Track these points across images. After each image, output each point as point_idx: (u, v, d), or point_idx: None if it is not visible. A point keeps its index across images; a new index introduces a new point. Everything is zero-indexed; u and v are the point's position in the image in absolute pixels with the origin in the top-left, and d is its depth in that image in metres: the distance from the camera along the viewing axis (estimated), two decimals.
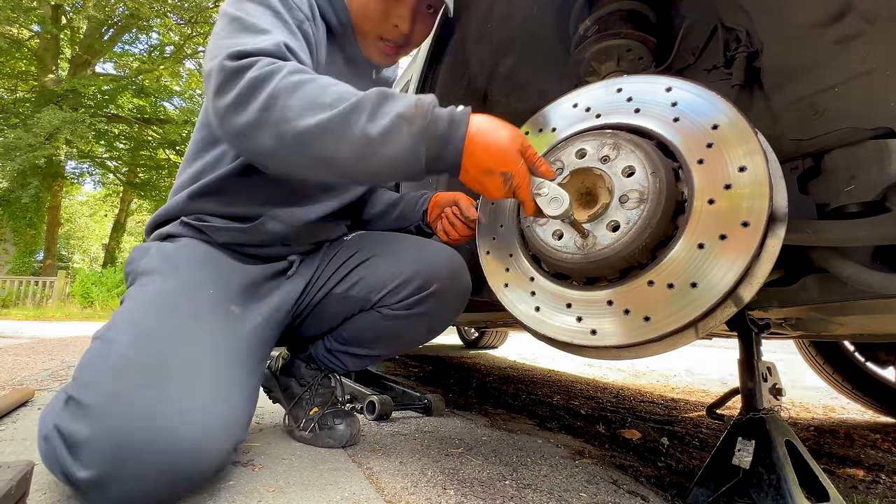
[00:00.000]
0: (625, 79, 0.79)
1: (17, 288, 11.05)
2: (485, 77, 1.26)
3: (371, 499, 0.75)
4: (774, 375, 0.85)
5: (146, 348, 0.66)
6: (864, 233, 0.70)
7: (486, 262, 0.91)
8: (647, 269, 0.69)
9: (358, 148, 0.65)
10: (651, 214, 0.67)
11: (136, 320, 0.71)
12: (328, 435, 1.03)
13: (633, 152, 0.71)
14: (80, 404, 0.59)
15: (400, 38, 0.91)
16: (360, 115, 0.65)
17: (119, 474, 0.57)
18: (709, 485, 0.79)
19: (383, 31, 0.89)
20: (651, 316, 0.67)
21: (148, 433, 0.58)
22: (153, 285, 0.79)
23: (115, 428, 0.57)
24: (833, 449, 1.48)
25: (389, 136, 0.65)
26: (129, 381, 0.61)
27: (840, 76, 0.75)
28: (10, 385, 1.67)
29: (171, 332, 0.70)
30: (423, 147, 0.66)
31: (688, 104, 0.71)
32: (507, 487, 0.85)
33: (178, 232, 0.92)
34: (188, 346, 0.69)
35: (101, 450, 0.56)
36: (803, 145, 0.80)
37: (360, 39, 0.92)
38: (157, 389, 0.62)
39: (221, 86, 0.67)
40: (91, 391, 0.60)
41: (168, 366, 0.65)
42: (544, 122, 0.88)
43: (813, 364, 2.16)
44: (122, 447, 0.57)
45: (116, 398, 0.59)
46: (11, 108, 12.71)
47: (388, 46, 0.91)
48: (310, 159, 0.68)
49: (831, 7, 0.72)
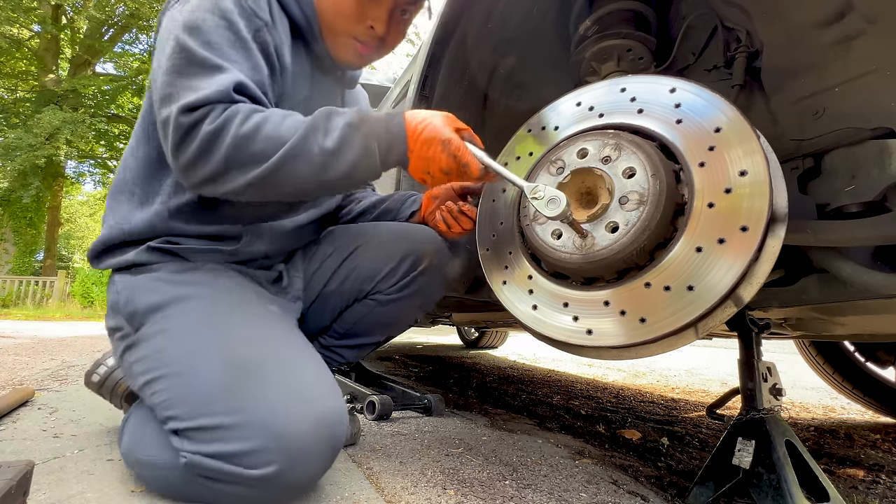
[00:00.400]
0: (629, 78, 0.79)
1: (17, 288, 11.06)
2: (485, 77, 1.26)
3: (371, 499, 0.75)
4: (774, 375, 0.85)
5: (235, 355, 0.70)
6: (864, 233, 0.70)
7: (485, 258, 0.92)
8: (645, 271, 0.69)
9: (321, 163, 0.70)
10: (650, 217, 0.67)
11: (202, 340, 0.73)
12: None
13: (635, 154, 0.71)
14: (212, 427, 0.64)
15: (374, 39, 0.85)
16: (315, 135, 0.70)
17: (298, 460, 0.63)
18: (709, 485, 0.79)
19: (357, 31, 0.83)
20: (647, 318, 0.67)
21: (305, 416, 0.65)
22: (190, 308, 0.77)
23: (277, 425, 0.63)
24: (833, 449, 1.48)
25: (344, 144, 0.70)
26: (248, 385, 0.66)
27: (840, 76, 0.75)
28: (10, 385, 1.67)
29: (248, 333, 0.75)
30: (374, 144, 0.72)
31: (691, 106, 0.70)
32: (507, 487, 0.85)
33: (146, 260, 0.83)
34: (269, 342, 0.74)
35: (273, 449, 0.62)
36: (803, 145, 0.80)
37: (329, 37, 0.85)
38: (279, 382, 0.67)
39: (179, 143, 0.69)
40: (214, 408, 0.65)
41: (269, 363, 0.70)
42: (547, 119, 0.88)
43: (813, 364, 2.16)
44: (291, 436, 0.63)
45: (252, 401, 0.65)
46: (12, 107, 12.72)
47: (362, 47, 0.86)
48: (280, 186, 0.71)
49: (831, 7, 0.72)
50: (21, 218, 12.58)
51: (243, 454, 0.62)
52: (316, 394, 0.68)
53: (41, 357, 2.58)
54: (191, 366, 0.70)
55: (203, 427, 0.64)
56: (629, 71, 0.98)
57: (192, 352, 0.71)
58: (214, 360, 0.69)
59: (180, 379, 0.69)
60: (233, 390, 0.66)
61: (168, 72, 0.70)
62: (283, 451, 0.62)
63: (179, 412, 0.67)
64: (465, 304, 1.86)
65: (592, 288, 0.75)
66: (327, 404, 0.68)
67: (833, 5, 0.72)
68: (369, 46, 0.86)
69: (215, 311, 0.77)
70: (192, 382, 0.68)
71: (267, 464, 0.61)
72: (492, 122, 1.35)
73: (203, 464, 0.63)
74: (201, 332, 0.74)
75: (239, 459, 0.62)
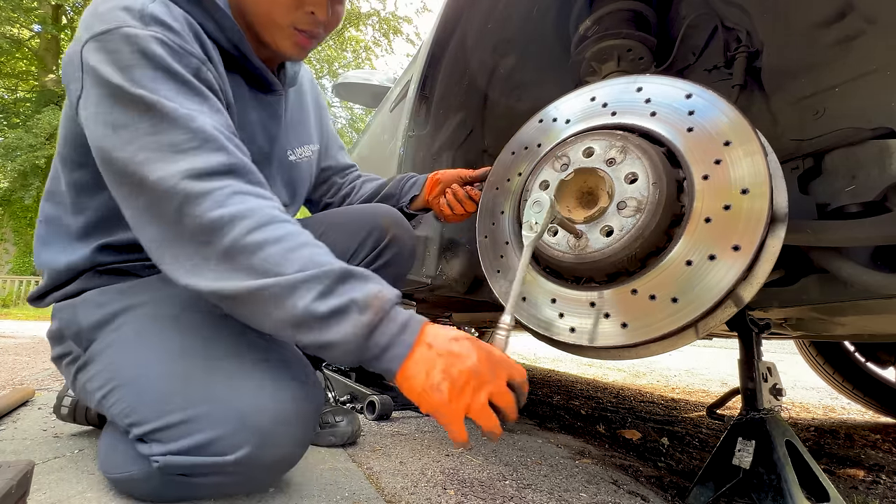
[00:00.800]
0: (647, 78, 0.78)
1: (17, 288, 11.06)
2: (485, 77, 1.26)
3: (371, 499, 0.75)
4: (775, 376, 0.85)
5: (187, 349, 0.67)
6: (864, 233, 0.70)
7: (482, 245, 0.93)
8: (634, 278, 0.69)
9: (298, 319, 0.54)
10: (644, 225, 0.68)
11: (151, 342, 0.69)
12: (330, 433, 1.03)
13: (640, 159, 0.70)
14: (175, 424, 0.61)
15: (316, 26, 0.77)
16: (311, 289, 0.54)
17: (269, 437, 0.61)
18: (709, 485, 0.79)
19: (296, 19, 0.75)
20: (629, 323, 0.68)
21: (265, 391, 0.62)
22: (137, 315, 0.72)
23: (239, 406, 0.60)
24: (833, 449, 1.48)
25: (337, 318, 0.54)
26: (203, 375, 0.64)
27: (840, 76, 0.75)
28: (10, 385, 1.67)
29: (199, 329, 0.71)
30: (368, 342, 0.54)
31: (704, 115, 0.69)
32: (507, 487, 0.85)
33: (94, 284, 0.76)
34: (221, 333, 0.70)
35: (241, 430, 0.60)
36: (804, 145, 0.80)
37: (267, 30, 0.76)
38: (234, 367, 0.65)
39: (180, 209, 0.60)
40: (173, 405, 0.63)
41: (221, 351, 0.67)
42: (560, 111, 0.88)
43: (813, 364, 2.16)
44: (256, 414, 0.60)
45: (210, 389, 0.63)
46: (12, 107, 12.72)
47: (303, 37, 0.77)
48: (238, 310, 0.57)
49: (832, 7, 0.72)
50: (21, 218, 12.58)
51: (212, 442, 0.59)
52: (274, 370, 0.65)
53: (41, 357, 2.58)
54: (143, 369, 0.67)
55: (166, 426, 0.62)
56: (629, 71, 0.98)
57: (143, 355, 0.68)
58: (166, 358, 0.67)
59: (135, 384, 0.66)
60: (189, 383, 0.64)
61: (130, 141, 0.56)
62: (251, 430, 0.60)
63: (140, 417, 0.64)
64: (466, 304, 1.86)
65: (581, 288, 0.76)
66: (288, 377, 0.65)
67: (833, 5, 0.72)
68: (311, 35, 0.78)
69: (162, 314, 0.72)
70: (147, 384, 0.65)
71: (238, 446, 0.59)
72: (492, 122, 1.35)
73: (175, 462, 0.61)
74: (150, 335, 0.70)
75: (209, 449, 0.59)
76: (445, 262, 1.31)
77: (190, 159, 0.56)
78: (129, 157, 0.56)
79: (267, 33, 0.76)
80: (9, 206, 12.36)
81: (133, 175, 0.56)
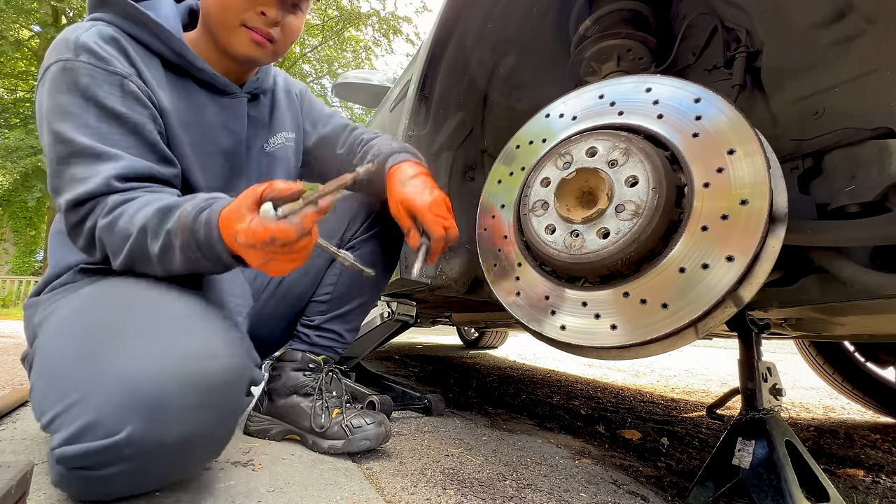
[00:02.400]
0: (657, 79, 0.77)
1: (17, 288, 11.06)
2: (485, 77, 1.26)
3: (371, 499, 0.75)
4: (774, 375, 0.85)
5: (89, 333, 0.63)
6: (864, 233, 0.70)
7: (480, 238, 0.94)
8: (627, 281, 0.70)
9: (159, 264, 0.69)
10: (640, 230, 0.68)
11: (61, 332, 0.67)
12: (363, 437, 0.94)
13: (642, 163, 0.70)
14: (63, 411, 0.56)
15: (268, 25, 0.81)
16: (145, 237, 0.67)
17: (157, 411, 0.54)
18: (709, 485, 0.79)
19: (247, 18, 0.79)
20: (618, 326, 0.69)
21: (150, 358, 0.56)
22: (64, 306, 0.73)
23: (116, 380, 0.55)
24: (833, 449, 1.48)
25: (167, 252, 0.67)
26: (94, 359, 0.58)
27: (840, 76, 0.75)
28: (10, 385, 1.67)
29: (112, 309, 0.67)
30: (194, 254, 0.66)
31: (711, 121, 0.69)
32: (507, 487, 0.84)
33: (74, 279, 0.80)
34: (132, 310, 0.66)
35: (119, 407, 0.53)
36: (803, 145, 0.80)
37: (223, 34, 0.81)
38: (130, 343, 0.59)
39: (71, 234, 0.74)
40: (63, 391, 0.57)
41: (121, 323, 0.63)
42: (567, 107, 0.88)
43: (813, 364, 2.16)
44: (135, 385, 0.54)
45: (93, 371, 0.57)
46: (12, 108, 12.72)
47: (255, 34, 0.80)
48: (150, 271, 0.72)
49: (832, 7, 0.72)
50: (21, 218, 12.60)
51: (91, 426, 0.53)
52: (173, 334, 0.60)
53: None
54: (48, 362, 0.64)
55: (57, 414, 0.56)
56: (629, 71, 0.98)
57: (52, 345, 0.66)
58: (67, 341, 0.63)
59: (42, 377, 0.63)
60: (81, 360, 0.59)
61: (52, 163, 0.71)
62: (137, 400, 0.53)
63: (42, 409, 0.59)
64: (465, 304, 1.86)
65: (575, 287, 0.76)
66: (187, 340, 0.60)
67: (833, 5, 0.72)
68: (263, 33, 0.81)
69: (87, 304, 0.70)
70: (49, 375, 0.62)
71: (124, 422, 0.52)
72: (492, 122, 1.35)
73: (67, 453, 0.54)
74: (64, 323, 0.68)
75: (95, 431, 0.53)
76: (445, 261, 1.31)
77: (75, 192, 0.69)
78: (48, 178, 0.73)
79: (224, 38, 0.82)
80: (9, 207, 12.36)
81: (50, 190, 0.74)
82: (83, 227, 0.71)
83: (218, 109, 0.87)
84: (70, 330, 0.66)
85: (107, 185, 0.69)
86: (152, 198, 0.70)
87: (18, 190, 11.48)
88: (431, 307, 2.10)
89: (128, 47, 0.76)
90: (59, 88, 0.71)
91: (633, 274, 0.70)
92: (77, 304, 0.71)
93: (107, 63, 0.73)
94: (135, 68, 0.76)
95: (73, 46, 0.71)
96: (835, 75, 0.75)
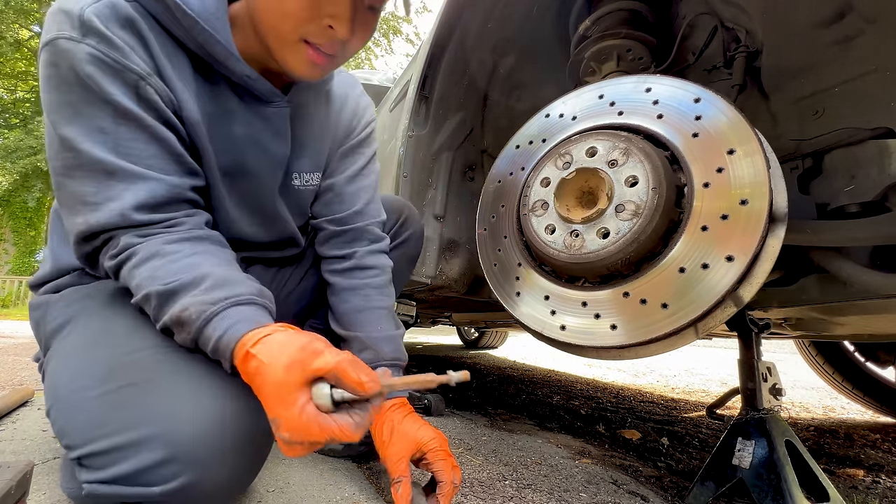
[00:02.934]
0: (657, 79, 0.77)
1: (17, 288, 11.05)
2: (485, 77, 1.26)
3: (371, 499, 0.75)
4: (774, 375, 0.85)
5: (120, 367, 0.60)
6: (864, 233, 0.70)
7: (480, 238, 0.94)
8: (627, 281, 0.70)
9: (166, 329, 0.61)
10: (640, 230, 0.68)
11: (86, 358, 0.63)
12: (366, 438, 0.84)
13: (642, 163, 0.70)
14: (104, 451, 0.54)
15: (332, 42, 0.63)
16: (149, 307, 0.60)
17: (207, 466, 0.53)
18: (709, 485, 0.79)
19: (309, 32, 0.61)
20: (618, 325, 0.69)
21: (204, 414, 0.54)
22: (83, 324, 0.68)
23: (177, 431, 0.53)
24: (833, 449, 1.48)
25: (174, 329, 0.59)
26: (136, 398, 0.57)
27: (840, 76, 0.75)
28: (10, 385, 1.67)
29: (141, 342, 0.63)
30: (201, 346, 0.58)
31: (711, 121, 0.69)
32: (507, 487, 0.84)
33: (75, 281, 0.75)
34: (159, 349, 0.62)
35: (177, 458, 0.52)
36: (803, 145, 0.80)
37: (276, 45, 0.63)
38: (170, 388, 0.56)
39: (83, 261, 0.65)
40: (104, 430, 0.55)
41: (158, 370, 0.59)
42: (566, 107, 0.88)
43: (813, 364, 2.16)
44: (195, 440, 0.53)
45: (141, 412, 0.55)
46: (11, 108, 12.72)
47: (315, 53, 0.63)
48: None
49: (831, 7, 0.72)
50: (21, 218, 12.59)
51: (127, 476, 0.52)
52: (216, 390, 0.57)
53: None
54: (73, 389, 0.60)
55: (92, 453, 0.55)
56: (629, 71, 0.98)
57: (76, 370, 0.62)
58: (94, 376, 0.60)
59: (67, 403, 0.60)
60: (115, 407, 0.56)
61: (56, 169, 0.60)
62: (171, 463, 0.52)
63: (70, 440, 0.58)
64: (466, 304, 1.86)
65: (575, 287, 0.76)
66: (225, 395, 0.57)
67: (833, 5, 0.72)
68: (324, 54, 0.64)
69: (105, 328, 0.66)
70: (75, 407, 0.59)
71: (169, 478, 0.51)
72: (491, 122, 1.35)
73: (100, 492, 0.54)
74: (87, 347, 0.64)
75: (135, 479, 0.52)
76: (445, 261, 1.31)
77: (87, 223, 0.60)
78: (52, 177, 0.61)
79: (277, 51, 0.64)
80: (9, 207, 12.36)
81: (54, 190, 0.63)
82: (97, 262, 0.64)
83: (252, 118, 0.71)
84: (92, 370, 0.61)
85: (122, 218, 0.59)
86: (157, 263, 0.59)
87: (18, 190, 11.47)
88: (431, 307, 2.10)
89: (147, 34, 0.60)
90: (62, 78, 0.57)
91: (632, 274, 0.70)
92: (96, 329, 0.66)
93: (120, 53, 0.58)
94: (154, 62, 0.61)
95: (78, 23, 0.56)
96: (834, 75, 0.75)
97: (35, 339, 0.78)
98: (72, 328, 0.69)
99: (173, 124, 0.64)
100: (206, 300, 0.56)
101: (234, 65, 0.65)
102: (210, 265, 0.60)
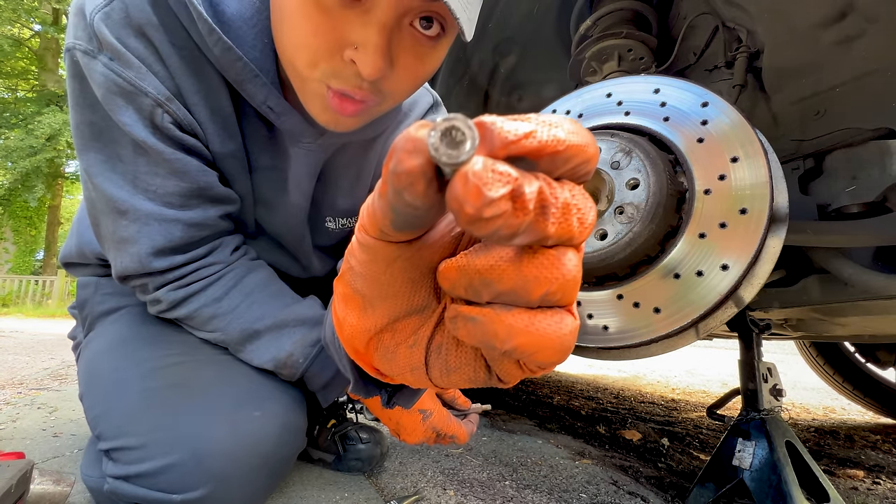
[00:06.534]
0: (666, 80, 0.77)
1: (17, 287, 11.06)
2: (485, 77, 1.26)
3: (371, 499, 0.75)
4: (775, 376, 0.85)
5: (162, 369, 0.61)
6: (865, 233, 0.70)
7: None
8: (622, 284, 0.70)
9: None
10: (637, 234, 0.68)
11: (130, 352, 0.65)
12: (354, 455, 0.89)
13: (644, 166, 0.70)
14: (132, 447, 0.56)
15: (358, 81, 0.47)
16: (223, 342, 0.63)
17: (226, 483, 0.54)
18: (709, 485, 0.79)
19: (326, 72, 0.47)
20: (609, 327, 0.69)
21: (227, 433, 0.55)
22: (129, 315, 0.70)
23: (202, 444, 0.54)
24: (833, 450, 1.48)
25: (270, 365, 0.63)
26: (172, 401, 0.58)
27: (841, 76, 0.75)
28: (10, 384, 1.67)
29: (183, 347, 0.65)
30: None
31: (716, 126, 0.69)
32: (507, 488, 0.84)
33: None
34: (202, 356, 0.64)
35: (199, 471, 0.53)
36: (804, 146, 0.80)
37: (297, 82, 0.51)
38: (206, 397, 0.59)
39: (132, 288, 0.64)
40: (136, 427, 0.56)
41: (198, 377, 0.61)
42: (573, 105, 0.87)
43: (813, 365, 2.16)
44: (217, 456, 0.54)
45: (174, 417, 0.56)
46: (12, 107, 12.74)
47: (341, 101, 0.48)
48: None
49: (833, 7, 0.72)
50: (21, 217, 12.61)
51: (151, 475, 0.53)
52: (243, 406, 0.59)
53: (41, 356, 2.58)
54: (114, 381, 0.61)
55: (122, 447, 0.56)
56: (630, 71, 0.98)
57: (119, 363, 0.63)
58: (138, 374, 0.61)
59: (105, 394, 0.61)
60: (153, 408, 0.57)
61: (85, 182, 0.58)
62: (195, 475, 0.53)
63: (102, 430, 0.59)
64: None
65: None
66: (256, 413, 0.58)
67: (834, 5, 0.72)
68: (352, 99, 0.48)
69: (156, 326, 0.67)
70: (114, 399, 0.60)
71: (191, 487, 0.52)
72: None
73: (122, 490, 0.55)
74: (132, 342, 0.66)
75: (158, 482, 0.53)
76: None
77: (121, 262, 0.59)
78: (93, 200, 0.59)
79: (298, 92, 0.52)
80: (9, 207, 12.37)
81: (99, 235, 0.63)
82: (144, 298, 0.64)
83: (275, 152, 0.63)
84: (136, 367, 0.62)
85: (141, 265, 0.58)
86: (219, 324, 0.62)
87: (18, 190, 11.49)
88: None
89: (162, 44, 0.51)
90: (85, 93, 0.53)
91: (628, 277, 0.70)
92: (145, 324, 0.67)
93: (135, 73, 0.51)
94: (173, 79, 0.53)
95: (92, 32, 0.49)
96: (836, 75, 0.75)
97: (73, 314, 0.79)
98: (120, 316, 0.70)
99: (196, 150, 0.57)
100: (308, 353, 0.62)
101: (252, 89, 0.53)
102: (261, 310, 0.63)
